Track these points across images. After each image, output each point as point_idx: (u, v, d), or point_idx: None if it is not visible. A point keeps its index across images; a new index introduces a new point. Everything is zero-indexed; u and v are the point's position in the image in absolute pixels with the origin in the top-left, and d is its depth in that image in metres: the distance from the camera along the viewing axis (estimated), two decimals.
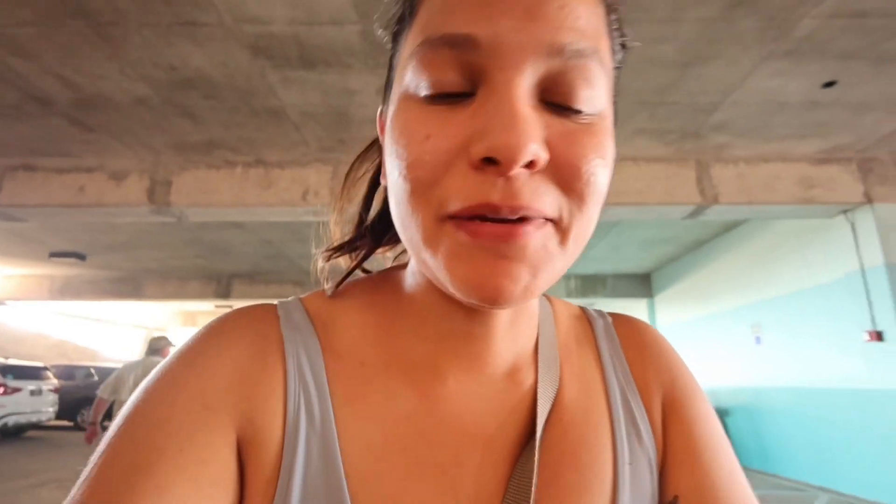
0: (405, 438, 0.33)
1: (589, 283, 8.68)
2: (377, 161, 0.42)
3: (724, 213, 4.32)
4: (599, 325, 0.42)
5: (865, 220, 4.04)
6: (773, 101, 3.33)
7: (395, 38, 0.33)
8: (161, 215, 4.36)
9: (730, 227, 6.14)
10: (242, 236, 6.56)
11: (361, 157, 0.43)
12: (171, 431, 0.28)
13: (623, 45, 0.32)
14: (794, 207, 4.10)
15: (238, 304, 11.37)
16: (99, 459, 0.27)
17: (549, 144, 0.26)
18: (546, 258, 0.28)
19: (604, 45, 0.28)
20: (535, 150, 0.25)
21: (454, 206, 0.27)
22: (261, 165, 4.22)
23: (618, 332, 0.42)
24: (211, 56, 2.94)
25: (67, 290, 9.27)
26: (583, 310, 0.44)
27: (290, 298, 0.39)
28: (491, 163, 0.25)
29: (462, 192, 0.26)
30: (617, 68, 0.31)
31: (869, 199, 3.98)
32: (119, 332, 14.80)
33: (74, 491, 0.26)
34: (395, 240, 0.43)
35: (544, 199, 0.27)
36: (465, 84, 0.27)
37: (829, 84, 3.13)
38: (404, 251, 0.44)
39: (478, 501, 0.32)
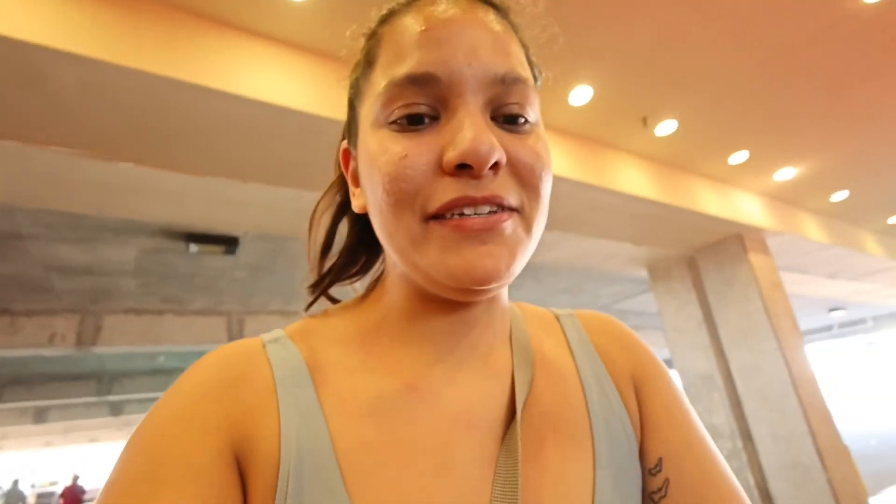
0: (396, 430, 0.35)
1: None
2: (338, 197, 0.46)
3: None
4: (566, 319, 0.48)
5: None
6: None
7: (356, 83, 0.40)
8: None
9: None
10: None
11: (324, 197, 0.47)
12: (173, 457, 0.30)
13: (537, 76, 0.39)
14: None
15: None
16: (106, 488, 0.30)
17: (506, 150, 0.33)
18: (518, 241, 0.35)
19: (529, 73, 0.37)
20: (498, 154, 0.32)
21: (436, 203, 0.33)
22: (7, 314, 5.19)
23: (584, 325, 0.48)
24: (8, 266, 4.29)
25: None
26: (549, 310, 0.50)
27: (272, 330, 0.41)
28: (464, 168, 0.32)
29: (443, 193, 0.33)
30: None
31: None
32: None
33: None
34: (365, 270, 0.47)
35: (509, 192, 0.34)
36: (429, 111, 0.34)
37: None
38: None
39: (469, 481, 0.34)
